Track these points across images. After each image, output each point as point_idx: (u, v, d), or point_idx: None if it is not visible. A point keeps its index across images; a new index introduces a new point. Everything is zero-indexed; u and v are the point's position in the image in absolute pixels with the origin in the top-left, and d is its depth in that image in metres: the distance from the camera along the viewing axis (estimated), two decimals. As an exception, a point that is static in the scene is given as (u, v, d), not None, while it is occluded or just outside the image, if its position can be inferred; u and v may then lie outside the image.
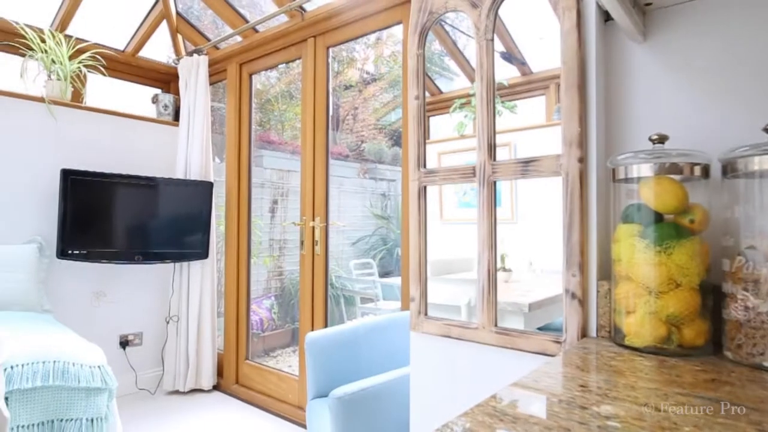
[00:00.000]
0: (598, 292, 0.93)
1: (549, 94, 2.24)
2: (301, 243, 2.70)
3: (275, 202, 4.74)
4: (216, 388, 3.17)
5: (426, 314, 1.19)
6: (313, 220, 2.64)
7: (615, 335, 0.88)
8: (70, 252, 2.62)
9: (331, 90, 2.70)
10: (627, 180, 0.87)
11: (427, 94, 1.22)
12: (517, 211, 2.12)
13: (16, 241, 2.58)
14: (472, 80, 2.38)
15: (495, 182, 1.07)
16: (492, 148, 1.07)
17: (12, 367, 1.75)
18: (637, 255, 0.82)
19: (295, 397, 2.75)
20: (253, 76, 3.14)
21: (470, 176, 1.10)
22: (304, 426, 2.58)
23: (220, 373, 3.21)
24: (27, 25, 2.66)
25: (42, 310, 2.52)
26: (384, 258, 5.62)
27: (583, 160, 0.94)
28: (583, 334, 0.93)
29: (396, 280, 4.79)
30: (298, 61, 2.88)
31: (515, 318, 1.65)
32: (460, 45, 2.61)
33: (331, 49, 2.68)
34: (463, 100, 2.41)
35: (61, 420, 1.85)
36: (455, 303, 1.71)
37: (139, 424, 2.62)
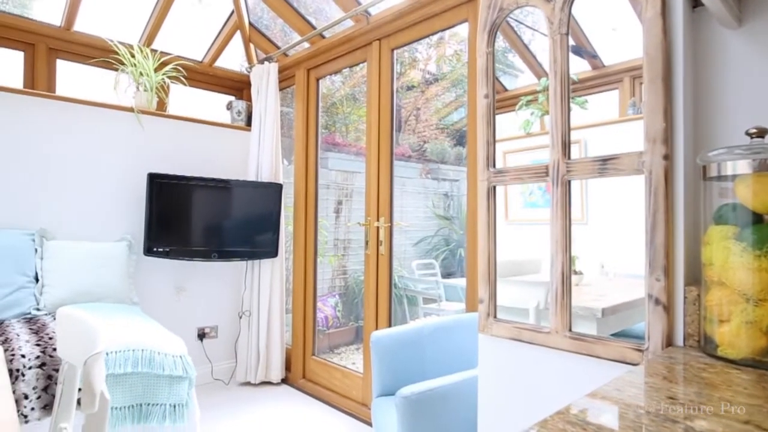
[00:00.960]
0: (685, 298, 0.87)
1: (622, 88, 2.13)
2: (366, 243, 2.74)
3: (340, 202, 4.85)
4: (284, 381, 3.30)
5: (495, 317, 1.17)
6: (378, 220, 2.67)
7: (705, 345, 0.82)
8: (154, 249, 2.83)
9: (395, 92, 2.72)
10: (720, 178, 0.80)
11: (496, 92, 1.20)
12: (588, 211, 2.03)
13: (109, 239, 2.83)
14: (539, 76, 2.31)
15: (569, 182, 1.03)
16: (566, 146, 1.03)
17: (108, 354, 1.92)
18: (732, 259, 0.76)
19: (359, 393, 2.80)
20: (320, 81, 3.23)
21: (543, 175, 1.07)
22: (368, 423, 2.62)
23: (288, 367, 3.33)
24: (120, 42, 2.91)
25: (131, 302, 2.74)
26: (446, 259, 5.57)
27: (668, 157, 0.88)
28: (668, 342, 0.88)
29: (459, 281, 4.73)
30: (362, 65, 2.93)
31: (587, 323, 1.58)
32: (525, 40, 2.54)
33: (395, 51, 2.70)
34: (530, 97, 2.34)
35: (148, 404, 2.00)
36: (523, 306, 1.67)
37: (214, 412, 2.78)
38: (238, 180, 3.11)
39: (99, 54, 2.93)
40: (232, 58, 3.70)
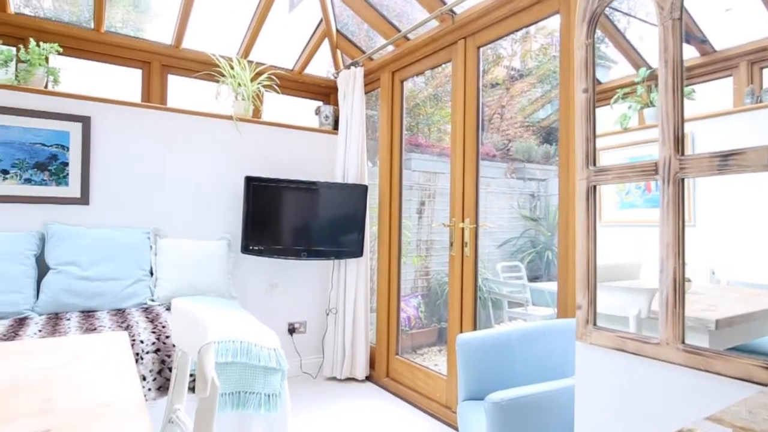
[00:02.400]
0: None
1: (737, 74, 1.91)
2: (451, 244, 2.72)
3: (422, 203, 4.85)
4: (368, 378, 3.37)
5: (595, 324, 1.10)
6: (463, 221, 2.64)
7: None
8: (250, 248, 3.03)
9: (480, 90, 2.67)
10: None
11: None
12: (696, 211, 1.84)
13: (211, 238, 3.07)
14: (636, 67, 2.14)
15: (682, 180, 0.94)
16: (679, 142, 0.94)
17: (214, 344, 2.08)
18: None
19: (442, 395, 2.78)
20: (404, 83, 3.26)
21: (651, 173, 0.98)
22: (452, 425, 2.59)
23: (372, 365, 3.39)
24: (221, 56, 3.15)
25: (230, 296, 2.95)
26: (533, 261, 5.36)
27: (808, 150, 0.77)
28: (809, 362, 0.77)
29: (547, 285, 4.53)
30: (446, 64, 2.90)
31: (698, 335, 1.44)
32: (620, 27, 2.37)
33: (481, 49, 2.65)
34: (627, 90, 2.18)
35: (245, 392, 2.13)
36: (621, 314, 1.55)
37: (303, 404, 2.90)
38: (326, 182, 3.23)
39: (203, 68, 3.20)
40: (320, 65, 3.85)
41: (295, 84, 3.64)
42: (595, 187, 1.12)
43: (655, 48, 0.90)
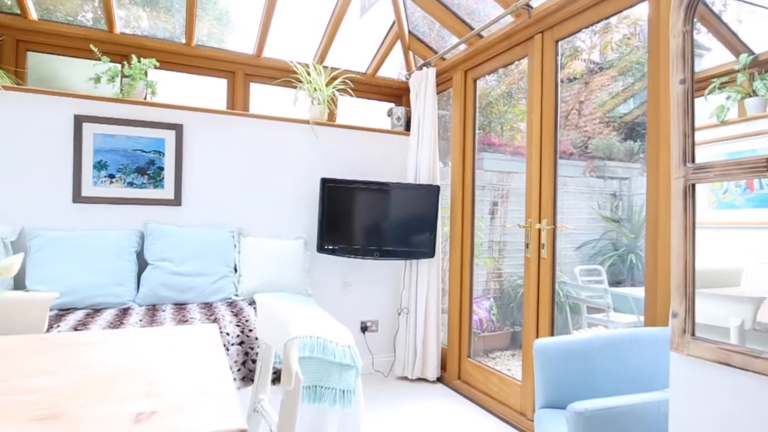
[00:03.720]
0: None
1: None
2: (526, 246, 2.63)
3: (495, 204, 4.74)
4: (439, 380, 3.35)
5: (693, 334, 1.02)
6: (540, 222, 2.55)
7: None
8: (325, 247, 3.13)
9: (559, 86, 2.56)
10: None
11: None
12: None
13: (288, 237, 3.21)
14: (736, 53, 1.95)
15: (801, 177, 0.84)
16: (797, 135, 0.85)
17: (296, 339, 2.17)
18: None
19: (516, 401, 2.70)
20: (477, 81, 3.21)
21: (762, 170, 0.89)
22: (528, 434, 2.51)
23: (443, 366, 3.37)
24: (298, 63, 3.29)
25: (306, 294, 3.06)
26: (614, 265, 5.05)
27: None
28: None
29: (631, 291, 4.25)
30: (519, 61, 2.82)
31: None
32: (715, 10, 2.16)
33: (559, 43, 2.55)
34: (725, 79, 1.98)
35: (322, 387, 2.20)
36: (721, 324, 1.42)
37: (375, 401, 2.95)
38: (398, 182, 3.25)
39: (282, 75, 3.35)
40: (391, 67, 3.89)
41: (367, 87, 3.71)
42: (693, 185, 1.04)
43: (761, 32, 0.81)
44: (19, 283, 2.45)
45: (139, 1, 3.15)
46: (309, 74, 3.24)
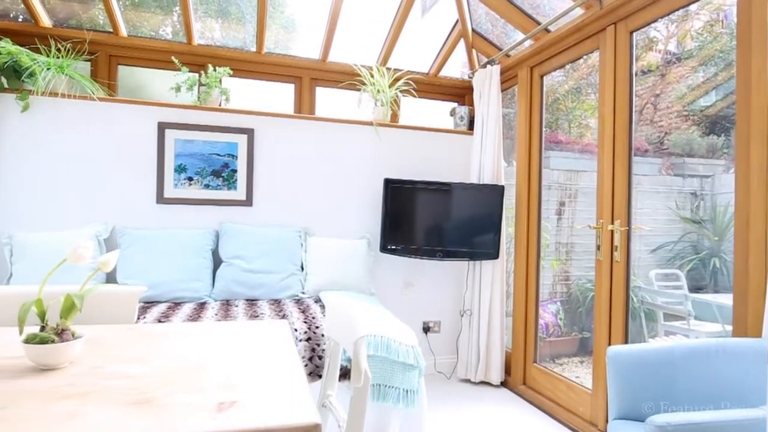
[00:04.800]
0: None
1: None
2: (597, 248, 2.51)
3: (562, 204, 4.56)
4: (503, 384, 3.27)
5: (794, 348, 0.93)
6: (612, 223, 2.42)
7: None
8: (388, 247, 3.16)
9: (634, 79, 2.43)
10: None
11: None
12: None
13: (352, 236, 3.27)
14: None
15: None
16: None
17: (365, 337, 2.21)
18: None
19: (586, 410, 2.58)
20: (544, 78, 3.11)
21: None
22: (599, 445, 2.40)
23: (507, 370, 3.29)
24: (362, 66, 3.34)
25: (369, 293, 3.11)
26: (695, 269, 4.69)
27: None
28: None
29: (714, 297, 3.93)
30: (588, 55, 2.70)
31: None
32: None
33: (633, 34, 2.41)
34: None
35: (385, 386, 2.22)
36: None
37: (437, 403, 2.93)
38: (460, 182, 3.22)
39: (346, 78, 3.43)
40: (453, 66, 3.86)
41: (430, 87, 3.70)
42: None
43: None
44: (110, 276, 2.69)
45: (213, 13, 3.34)
46: (372, 76, 3.29)
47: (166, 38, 3.30)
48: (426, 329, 3.49)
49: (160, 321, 2.27)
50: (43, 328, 1.05)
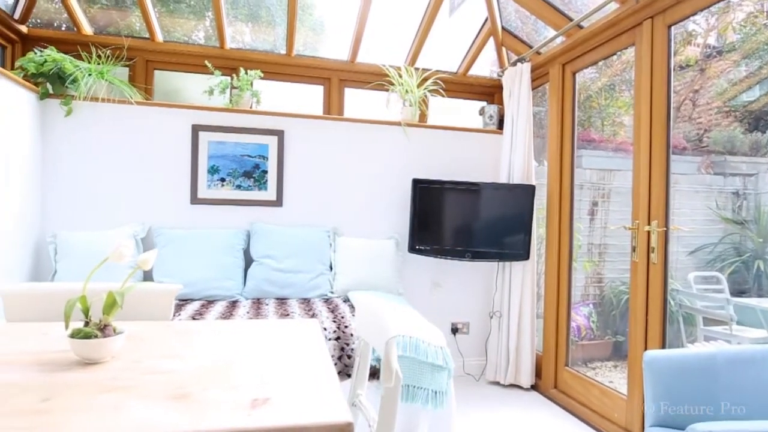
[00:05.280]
0: None
1: None
2: (633, 249, 2.44)
3: (595, 204, 4.45)
4: (534, 387, 3.22)
5: None
6: (649, 223, 2.35)
7: None
8: (417, 248, 3.15)
9: (672, 74, 2.35)
10: None
11: None
12: None
13: (380, 237, 3.28)
14: None
15: None
16: None
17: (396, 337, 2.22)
18: None
19: (621, 417, 2.51)
20: (576, 75, 3.04)
21: None
22: (634, 453, 2.33)
23: (538, 374, 3.24)
24: (390, 66, 3.35)
25: (397, 293, 3.11)
26: (737, 272, 4.50)
27: None
28: None
29: (759, 302, 3.76)
30: (622, 51, 2.62)
31: None
32: None
33: (671, 28, 2.33)
34: None
35: (414, 386, 2.22)
36: None
37: (466, 405, 2.91)
38: (490, 182, 3.19)
39: (375, 78, 3.44)
40: (482, 65, 3.82)
41: (458, 86, 3.67)
42: None
43: None
44: (147, 275, 2.78)
45: (244, 18, 3.41)
46: (401, 76, 3.29)
47: (199, 43, 3.39)
48: (454, 330, 3.47)
49: (194, 318, 2.33)
50: (86, 324, 1.09)
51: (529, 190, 3.11)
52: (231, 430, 0.78)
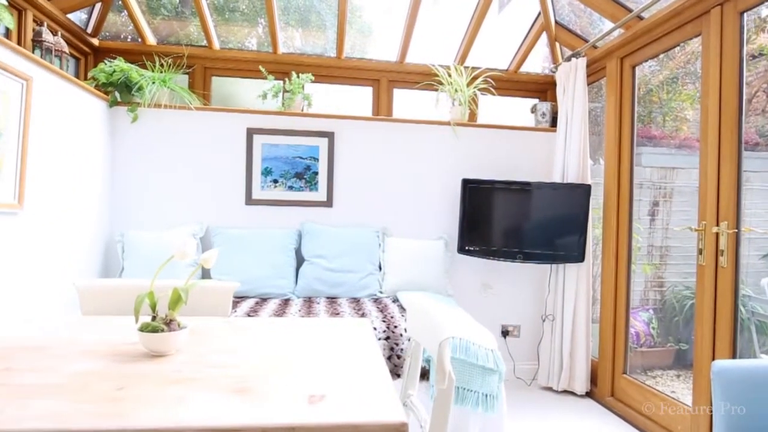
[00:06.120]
0: None
1: None
2: (699, 252, 2.30)
3: (655, 203, 4.23)
4: (588, 395, 3.10)
5: None
6: (717, 224, 2.20)
7: None
8: (466, 248, 3.11)
9: (744, 64, 2.19)
10: None
11: None
12: None
13: (429, 237, 3.27)
14: None
15: None
16: None
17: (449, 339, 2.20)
18: None
19: (685, 430, 2.37)
20: (636, 68, 2.90)
21: None
22: (701, 468, 2.19)
23: (593, 380, 3.11)
24: (439, 65, 3.33)
25: (446, 294, 3.08)
26: (818, 278, 4.13)
27: None
28: None
29: None
30: (686, 42, 2.47)
31: None
32: None
33: (744, 14, 2.18)
34: None
35: (464, 389, 2.19)
36: None
37: (517, 410, 2.84)
38: (541, 182, 3.10)
39: (423, 78, 3.43)
40: (534, 62, 3.71)
41: (509, 84, 3.59)
42: None
43: None
44: (205, 273, 2.90)
45: (294, 23, 3.49)
46: (450, 76, 3.26)
47: (252, 49, 3.51)
48: (505, 333, 3.40)
49: (249, 315, 2.41)
50: (154, 318, 1.15)
51: (584, 190, 3.00)
52: (290, 425, 0.80)
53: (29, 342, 1.19)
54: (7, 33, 2.36)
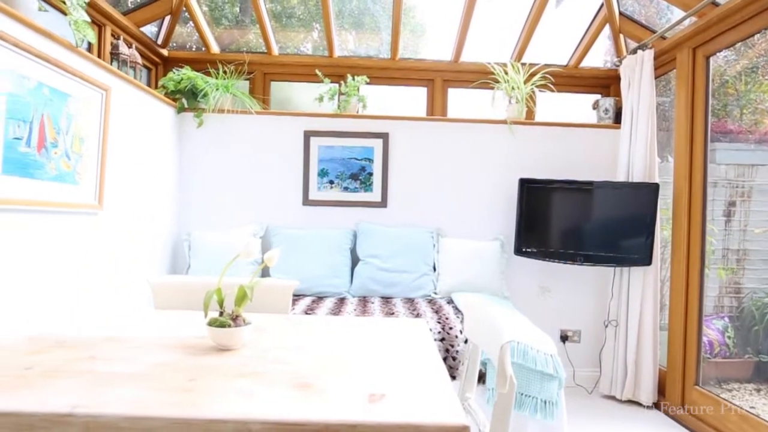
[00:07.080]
0: None
1: None
2: (785, 256, 2.11)
3: (732, 203, 3.93)
4: (656, 405, 2.93)
5: None
6: (806, 227, 2.01)
7: None
8: (523, 250, 3.03)
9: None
10: None
11: None
12: None
13: (484, 238, 3.21)
14: None
15: None
16: None
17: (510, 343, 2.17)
18: None
19: (768, 449, 2.18)
20: (710, 59, 2.71)
21: None
22: (787, 492, 2.01)
23: (661, 391, 2.94)
24: (496, 63, 3.27)
25: (502, 296, 3.02)
26: None
27: None
28: None
29: None
30: (766, 29, 2.28)
31: None
32: None
33: (838, -4, 1.98)
34: None
35: (522, 394, 2.14)
36: None
37: (577, 418, 2.73)
38: (604, 181, 2.96)
39: (479, 77, 3.38)
40: (595, 56, 3.55)
41: (569, 79, 3.47)
42: None
43: None
44: (264, 270, 3.01)
45: (348, 26, 3.54)
46: (506, 73, 3.19)
47: (307, 53, 3.60)
48: (564, 338, 3.28)
49: (306, 313, 2.48)
50: (221, 314, 1.21)
51: (652, 189, 2.84)
52: (351, 422, 0.81)
53: (111, 333, 1.29)
54: (89, 47, 2.55)
